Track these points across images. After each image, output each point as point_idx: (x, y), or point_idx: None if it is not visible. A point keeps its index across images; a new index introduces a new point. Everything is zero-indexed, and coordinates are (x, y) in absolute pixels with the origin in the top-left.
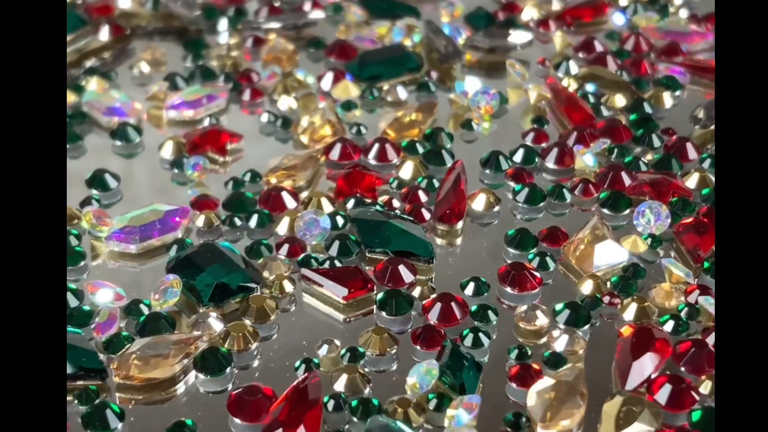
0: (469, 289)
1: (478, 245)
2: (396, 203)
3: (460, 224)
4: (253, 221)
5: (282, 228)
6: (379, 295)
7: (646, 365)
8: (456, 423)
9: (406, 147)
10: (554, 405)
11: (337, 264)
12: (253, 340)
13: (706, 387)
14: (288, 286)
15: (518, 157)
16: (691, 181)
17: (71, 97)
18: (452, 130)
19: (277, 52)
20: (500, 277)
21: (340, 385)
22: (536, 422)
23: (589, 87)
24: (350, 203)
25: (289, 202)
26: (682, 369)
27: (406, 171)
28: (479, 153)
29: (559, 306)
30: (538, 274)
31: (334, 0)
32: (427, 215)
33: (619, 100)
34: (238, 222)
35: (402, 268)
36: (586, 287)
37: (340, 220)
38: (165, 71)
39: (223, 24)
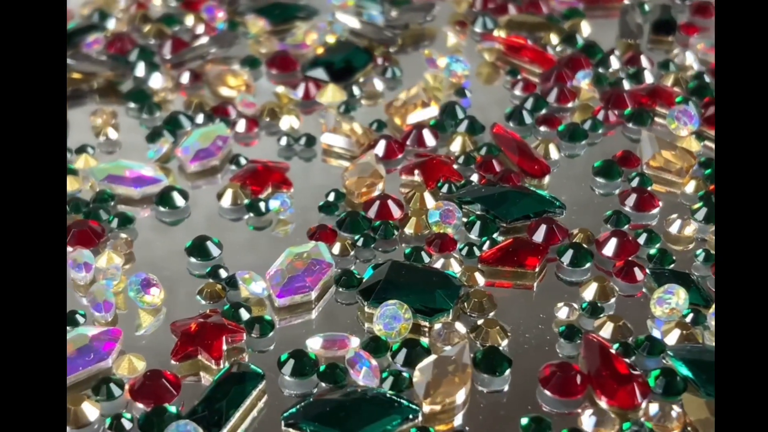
0: (612, 222)
1: (566, 186)
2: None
3: (547, 177)
4: (380, 234)
5: (409, 230)
6: (560, 250)
7: None
8: None
9: (436, 126)
10: None
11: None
12: (505, 331)
13: None
14: (479, 278)
15: (528, 105)
16: (669, 82)
17: (75, 184)
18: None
19: (226, 79)
20: (621, 199)
21: (607, 334)
22: None
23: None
24: (444, 189)
25: (400, 207)
26: None
27: (457, 145)
28: (485, 115)
29: (696, 206)
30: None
31: (227, 18)
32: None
33: (554, 38)
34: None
35: (554, 227)
36: (690, 187)
37: None
38: (126, 132)
39: (141, 67)
